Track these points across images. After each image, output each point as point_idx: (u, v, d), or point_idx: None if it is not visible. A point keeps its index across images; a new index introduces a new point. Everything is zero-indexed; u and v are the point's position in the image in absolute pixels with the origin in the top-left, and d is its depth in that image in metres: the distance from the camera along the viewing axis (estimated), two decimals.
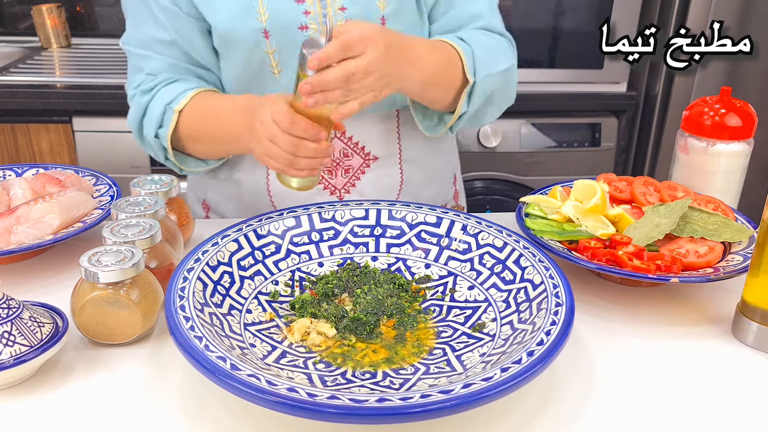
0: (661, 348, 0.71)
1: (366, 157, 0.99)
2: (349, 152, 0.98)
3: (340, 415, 0.50)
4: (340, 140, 0.97)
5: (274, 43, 0.89)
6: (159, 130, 0.93)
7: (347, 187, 0.99)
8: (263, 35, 0.88)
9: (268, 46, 0.89)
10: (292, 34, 0.89)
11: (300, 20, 0.88)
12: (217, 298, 0.67)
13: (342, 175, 0.99)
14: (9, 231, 0.79)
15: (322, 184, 0.98)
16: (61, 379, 0.63)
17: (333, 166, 0.98)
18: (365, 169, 0.99)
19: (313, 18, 0.89)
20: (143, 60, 0.95)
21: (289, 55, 0.90)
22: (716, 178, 0.95)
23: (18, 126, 1.73)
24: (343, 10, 0.89)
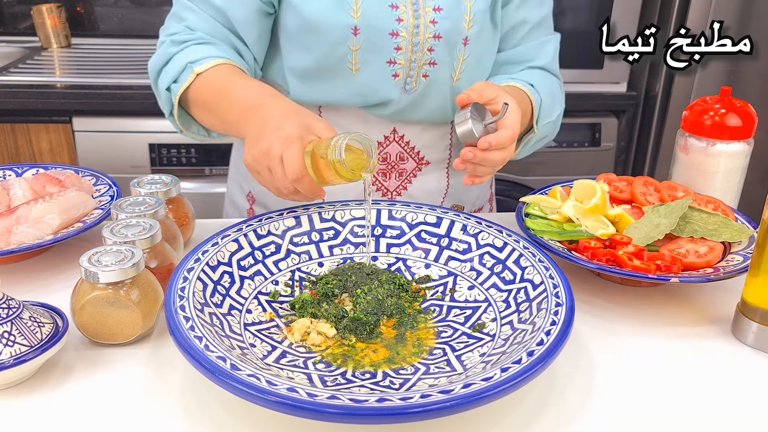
0: (661, 348, 0.71)
1: (420, 161, 1.01)
2: (404, 156, 1.00)
3: (340, 415, 0.50)
4: (397, 144, 0.99)
5: (361, 41, 0.89)
6: (173, 85, 0.89)
7: (399, 190, 1.02)
8: (352, 32, 0.88)
9: (354, 43, 0.89)
10: (380, 38, 0.89)
11: (392, 26, 0.89)
12: (217, 298, 0.67)
13: (396, 177, 1.01)
14: (9, 231, 0.79)
15: (375, 185, 1.00)
16: (61, 379, 0.63)
17: (388, 168, 1.00)
18: (417, 173, 1.02)
19: (405, 27, 0.89)
20: (188, 11, 0.92)
21: (372, 56, 0.90)
22: (716, 178, 0.95)
23: (18, 126, 1.73)
24: (434, 24, 0.90)
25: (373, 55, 0.90)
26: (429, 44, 0.91)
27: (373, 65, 0.91)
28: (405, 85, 0.93)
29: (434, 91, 0.95)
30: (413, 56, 0.91)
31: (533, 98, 0.94)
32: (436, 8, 0.90)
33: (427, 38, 0.90)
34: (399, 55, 0.90)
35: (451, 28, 0.91)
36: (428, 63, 0.92)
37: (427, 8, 0.90)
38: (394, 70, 0.91)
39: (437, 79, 0.94)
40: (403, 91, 0.94)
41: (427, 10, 0.90)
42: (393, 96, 0.93)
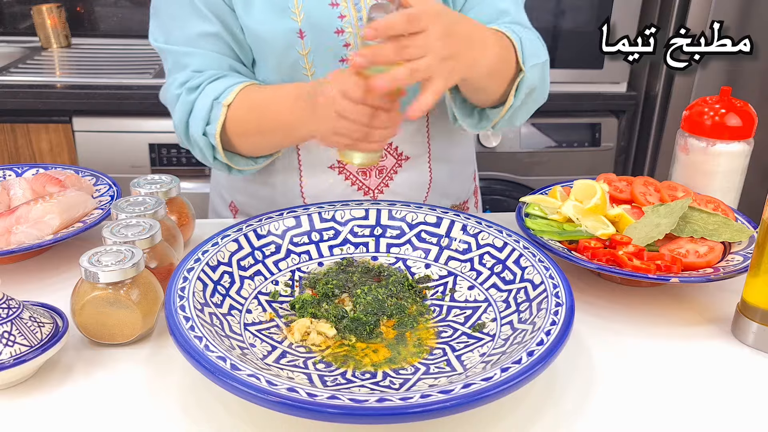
0: (661, 348, 0.71)
1: (399, 157, 1.00)
2: (383, 153, 0.99)
3: (340, 415, 0.50)
4: None
5: (309, 43, 0.89)
6: (207, 128, 0.89)
7: (381, 188, 1.01)
8: (298, 36, 0.88)
9: (302, 47, 0.89)
10: (327, 37, 0.89)
11: (335, 24, 0.89)
12: (217, 298, 0.67)
13: (376, 175, 1.00)
14: (9, 231, 0.79)
15: (356, 185, 1.00)
16: (61, 379, 0.63)
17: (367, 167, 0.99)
18: (398, 169, 1.01)
19: (349, 21, 0.89)
20: (188, 57, 0.92)
21: (323, 57, 0.90)
22: (716, 178, 0.95)
23: (18, 126, 1.73)
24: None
25: (324, 57, 0.90)
26: None
27: (327, 66, 0.90)
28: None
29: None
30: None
31: (512, 37, 0.86)
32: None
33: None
34: (350, 52, 0.90)
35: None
36: None
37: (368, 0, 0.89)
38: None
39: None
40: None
41: (368, 2, 0.89)
42: None
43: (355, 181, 0.99)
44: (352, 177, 0.99)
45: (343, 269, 0.78)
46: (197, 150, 0.93)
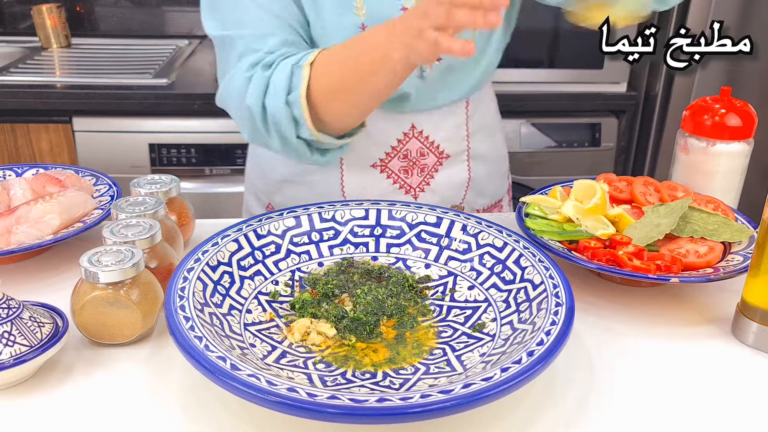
0: (661, 348, 0.71)
1: (440, 155, 1.02)
2: (425, 151, 1.00)
3: (340, 415, 0.50)
4: (416, 139, 0.99)
5: None
6: (289, 96, 0.83)
7: (422, 186, 1.02)
8: (360, 30, 0.89)
9: None
10: None
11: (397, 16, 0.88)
12: (217, 298, 0.67)
13: (418, 174, 1.01)
14: (9, 231, 0.79)
15: (398, 184, 1.01)
16: (61, 379, 0.63)
17: (409, 165, 1.00)
18: (438, 168, 1.02)
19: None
20: (262, 40, 0.87)
21: None
22: (716, 178, 0.95)
23: (18, 126, 1.73)
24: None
25: None
26: None
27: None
28: (421, 73, 0.93)
29: (452, 72, 0.95)
30: None
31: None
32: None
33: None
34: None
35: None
36: None
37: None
38: None
39: (451, 60, 0.94)
40: (420, 79, 0.94)
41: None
42: (409, 87, 0.94)
43: (396, 179, 1.01)
44: (393, 175, 1.00)
45: (343, 270, 0.78)
46: (275, 133, 0.86)
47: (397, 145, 0.99)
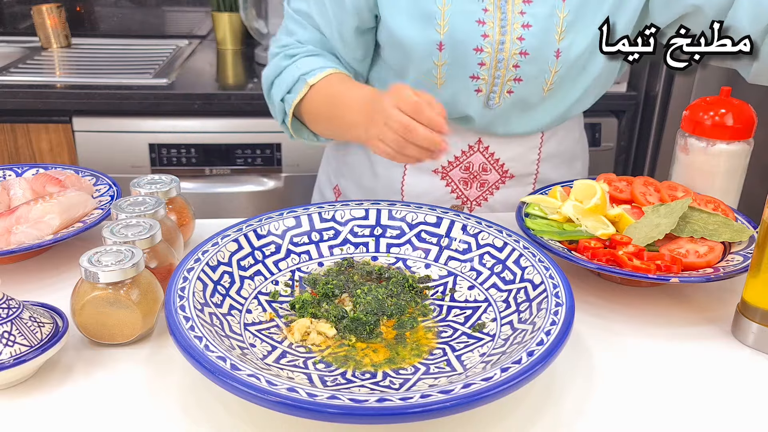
0: (661, 348, 0.71)
1: (504, 174, 1.01)
2: (487, 167, 1.00)
3: (340, 415, 0.50)
4: (480, 154, 0.99)
5: (446, 56, 0.89)
6: (286, 95, 0.95)
7: (479, 200, 1.02)
8: (437, 47, 0.89)
9: (439, 59, 0.89)
10: (465, 53, 0.90)
11: (477, 42, 0.89)
12: (217, 298, 0.67)
13: (477, 188, 1.01)
14: (9, 231, 0.79)
15: (455, 193, 1.01)
16: (61, 379, 0.63)
17: (470, 177, 1.00)
18: (500, 186, 1.02)
19: (490, 42, 0.89)
20: (297, 25, 0.98)
21: (455, 70, 0.91)
22: (716, 178, 0.95)
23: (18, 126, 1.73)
24: (521, 40, 0.89)
25: (456, 70, 0.91)
26: (514, 60, 0.90)
27: (457, 80, 0.91)
28: (488, 101, 0.93)
29: (519, 107, 0.95)
30: (497, 72, 0.90)
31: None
32: (525, 25, 0.89)
33: (512, 54, 0.89)
34: (482, 71, 0.90)
35: (540, 45, 0.89)
36: (513, 79, 0.91)
37: (516, 24, 0.89)
38: (477, 86, 0.92)
39: (523, 95, 0.93)
40: (486, 107, 0.94)
41: (515, 27, 0.89)
42: (474, 112, 0.94)
43: (455, 189, 1.01)
44: (453, 184, 1.01)
45: (343, 270, 0.78)
46: (272, 107, 1.00)
47: (461, 156, 0.99)
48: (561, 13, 0.89)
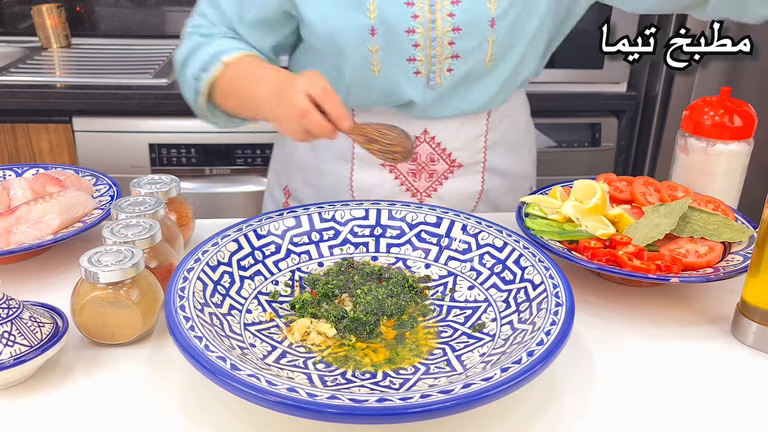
0: (661, 348, 0.71)
1: (452, 163, 1.01)
2: (435, 157, 1.00)
3: (340, 415, 0.50)
4: (428, 144, 0.99)
5: (379, 41, 0.89)
6: (201, 73, 0.93)
7: (429, 191, 1.02)
8: (369, 32, 0.89)
9: (372, 44, 0.89)
10: (398, 36, 0.90)
11: (408, 23, 0.89)
12: (217, 298, 0.67)
13: (426, 178, 1.01)
14: (9, 231, 0.79)
15: (405, 185, 1.01)
16: (61, 379, 0.63)
17: (418, 169, 1.00)
18: (448, 175, 1.02)
19: (421, 23, 0.89)
20: (209, 6, 0.97)
21: (391, 55, 0.91)
22: (716, 178, 0.95)
23: (18, 126, 1.73)
24: (452, 17, 0.90)
25: (392, 55, 0.90)
26: (448, 38, 0.90)
27: (394, 65, 0.91)
28: (428, 82, 0.93)
29: (462, 84, 0.95)
30: (433, 51, 0.91)
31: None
32: (454, 1, 0.89)
33: (445, 32, 0.90)
34: (418, 52, 0.90)
35: (472, 18, 0.90)
36: (451, 56, 0.92)
37: (445, 2, 0.89)
38: (415, 67, 0.91)
39: (464, 71, 0.93)
40: (427, 88, 0.93)
41: (444, 4, 0.89)
42: (415, 95, 0.93)
43: (404, 181, 1.01)
44: (401, 177, 1.00)
45: (343, 271, 0.78)
46: (184, 85, 0.97)
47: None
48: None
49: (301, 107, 0.77)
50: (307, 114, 0.77)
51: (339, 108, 0.78)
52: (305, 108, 0.77)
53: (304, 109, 0.77)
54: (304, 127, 0.79)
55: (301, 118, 0.78)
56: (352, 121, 0.80)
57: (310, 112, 0.77)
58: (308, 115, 0.77)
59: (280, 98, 0.81)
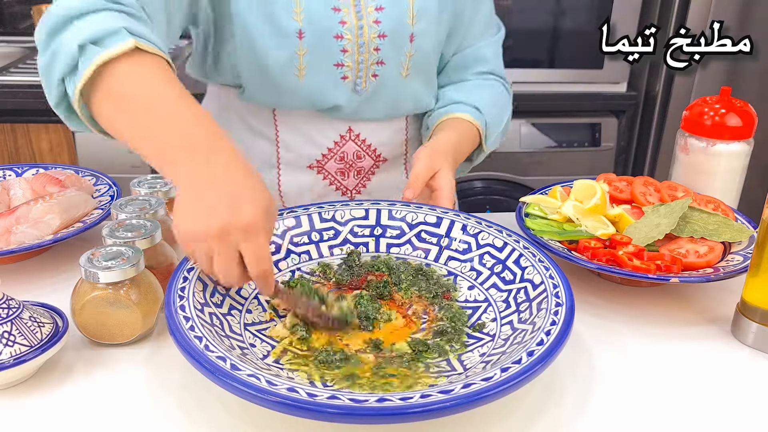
0: (661, 348, 0.71)
1: (377, 159, 1.01)
2: (361, 154, 1.00)
3: (340, 415, 0.50)
4: (353, 142, 0.99)
5: (306, 45, 0.88)
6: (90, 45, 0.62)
7: (358, 188, 1.02)
8: (297, 35, 0.88)
9: (299, 47, 0.88)
10: (326, 40, 0.89)
11: (336, 29, 0.89)
12: (217, 298, 0.67)
13: (354, 176, 1.01)
14: (9, 231, 0.79)
15: (334, 185, 1.01)
16: (61, 379, 0.63)
17: (346, 167, 1.00)
18: (375, 170, 1.02)
19: (349, 29, 0.89)
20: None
21: (318, 59, 0.90)
22: (716, 178, 0.95)
23: (18, 126, 1.73)
24: (378, 24, 0.91)
25: (319, 59, 0.90)
26: (375, 44, 0.91)
27: (321, 69, 0.91)
28: (355, 87, 0.93)
29: (384, 90, 0.96)
30: (360, 57, 0.91)
31: (480, 126, 0.98)
32: (378, 8, 0.90)
33: (372, 38, 0.91)
34: (346, 58, 0.91)
35: (396, 26, 0.92)
36: (376, 62, 0.93)
37: (369, 8, 0.90)
38: (342, 73, 0.92)
39: (386, 78, 0.95)
40: (354, 93, 0.94)
41: (369, 10, 0.90)
42: (342, 100, 0.93)
43: (333, 181, 1.00)
44: (330, 177, 1.00)
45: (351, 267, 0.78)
46: (52, 58, 0.65)
47: (334, 147, 0.98)
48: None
49: (247, 220, 0.58)
50: (214, 269, 0.60)
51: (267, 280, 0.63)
52: (251, 226, 0.58)
53: (250, 226, 0.58)
54: (213, 254, 0.59)
55: (210, 268, 0.60)
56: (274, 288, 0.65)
57: (235, 254, 0.59)
58: (229, 256, 0.59)
59: (208, 213, 0.58)
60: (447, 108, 1.00)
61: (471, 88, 1.02)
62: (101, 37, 0.62)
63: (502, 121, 1.03)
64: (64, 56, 0.63)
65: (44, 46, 0.65)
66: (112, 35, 0.62)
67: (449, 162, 0.87)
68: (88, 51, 0.62)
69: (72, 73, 0.63)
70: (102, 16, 0.64)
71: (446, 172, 0.86)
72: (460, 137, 0.94)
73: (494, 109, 1.01)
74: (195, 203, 0.59)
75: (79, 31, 0.63)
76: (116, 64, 0.62)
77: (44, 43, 0.65)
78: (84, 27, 0.63)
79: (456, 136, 0.93)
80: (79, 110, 0.66)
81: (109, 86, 0.63)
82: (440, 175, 0.85)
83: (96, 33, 0.62)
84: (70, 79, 0.64)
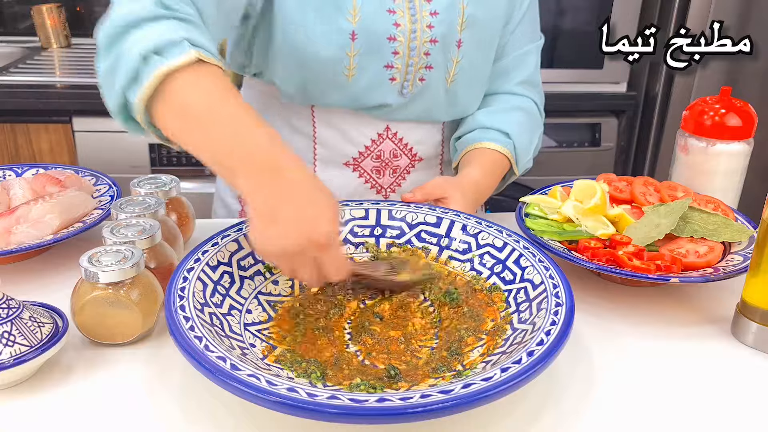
0: (661, 348, 0.71)
1: (413, 158, 1.02)
2: (398, 153, 1.00)
3: (340, 415, 0.50)
4: (390, 141, 0.99)
5: (359, 46, 0.88)
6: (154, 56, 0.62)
7: (393, 187, 1.02)
8: (350, 37, 0.88)
9: (351, 49, 0.88)
10: (378, 42, 0.89)
11: (390, 31, 0.89)
12: (217, 298, 0.67)
13: (390, 174, 1.01)
14: (9, 231, 0.79)
15: (369, 183, 1.01)
16: (61, 379, 0.63)
17: (382, 165, 1.00)
18: (410, 170, 1.02)
19: (402, 31, 0.89)
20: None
21: (369, 60, 0.90)
22: (716, 178, 0.95)
23: (18, 126, 1.73)
24: (431, 28, 0.91)
25: (370, 60, 0.90)
26: (425, 48, 0.91)
27: (370, 70, 0.91)
28: (402, 89, 0.94)
29: (428, 94, 0.96)
30: (410, 60, 0.91)
31: (510, 154, 0.98)
32: (433, 12, 0.91)
33: (423, 42, 0.91)
34: (396, 60, 0.91)
35: (446, 31, 0.92)
36: (425, 67, 0.93)
37: (424, 12, 0.90)
38: (391, 74, 0.92)
39: (432, 82, 0.95)
40: (400, 95, 0.94)
41: (423, 14, 0.90)
42: (389, 100, 0.94)
43: (368, 179, 1.01)
44: (366, 175, 1.00)
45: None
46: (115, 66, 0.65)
47: (371, 145, 0.99)
48: (461, 4, 0.92)
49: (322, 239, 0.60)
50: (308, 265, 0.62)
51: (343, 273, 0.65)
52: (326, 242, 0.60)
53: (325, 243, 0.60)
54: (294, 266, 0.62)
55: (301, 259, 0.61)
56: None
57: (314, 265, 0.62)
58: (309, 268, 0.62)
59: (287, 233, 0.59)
60: (474, 134, 1.00)
61: (501, 112, 1.01)
62: (163, 47, 0.62)
63: (532, 143, 1.02)
64: (125, 66, 0.63)
65: (105, 53, 0.66)
66: (174, 46, 0.63)
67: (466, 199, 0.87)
68: (151, 61, 0.62)
69: (134, 83, 0.63)
70: (162, 26, 0.64)
71: (454, 201, 0.86)
72: (485, 173, 0.95)
73: (525, 135, 1.00)
74: (267, 224, 0.60)
75: (141, 40, 0.63)
76: (178, 75, 0.62)
77: (105, 50, 0.66)
78: (145, 36, 0.63)
79: (480, 175, 0.94)
80: (142, 120, 0.66)
81: (172, 96, 0.63)
82: (448, 202, 0.85)
83: (158, 43, 0.62)
84: (131, 88, 0.64)
